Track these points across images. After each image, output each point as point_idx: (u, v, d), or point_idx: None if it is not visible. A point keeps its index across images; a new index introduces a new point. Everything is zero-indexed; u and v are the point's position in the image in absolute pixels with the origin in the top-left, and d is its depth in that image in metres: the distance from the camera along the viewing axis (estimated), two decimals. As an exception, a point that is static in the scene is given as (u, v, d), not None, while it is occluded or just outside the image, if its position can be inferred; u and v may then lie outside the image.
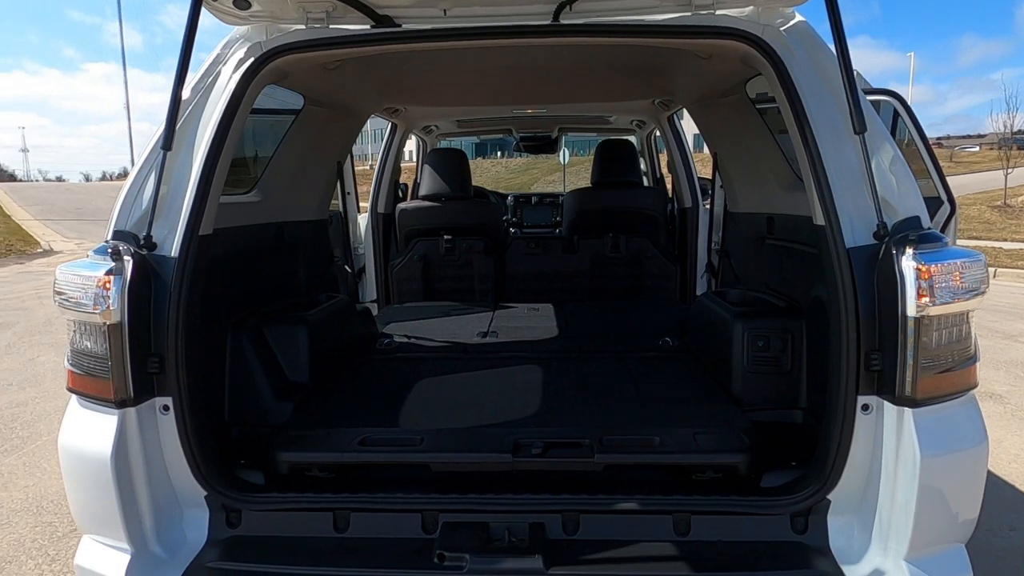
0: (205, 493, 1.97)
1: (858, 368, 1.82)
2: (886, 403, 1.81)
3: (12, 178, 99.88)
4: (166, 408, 1.93)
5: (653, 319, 3.89)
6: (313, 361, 2.71)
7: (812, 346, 2.45)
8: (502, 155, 44.84)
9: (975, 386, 1.83)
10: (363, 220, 4.89)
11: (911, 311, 1.72)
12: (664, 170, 5.77)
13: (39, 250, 18.60)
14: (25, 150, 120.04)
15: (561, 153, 15.11)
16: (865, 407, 1.85)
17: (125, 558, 1.88)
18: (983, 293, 1.78)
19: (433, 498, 2.02)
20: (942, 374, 1.76)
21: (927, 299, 1.71)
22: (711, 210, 4.28)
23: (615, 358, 3.15)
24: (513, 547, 1.91)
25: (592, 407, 2.51)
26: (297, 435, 2.24)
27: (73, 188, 52.05)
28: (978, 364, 1.84)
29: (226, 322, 2.49)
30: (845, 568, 1.88)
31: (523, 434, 2.18)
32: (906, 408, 1.76)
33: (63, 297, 1.88)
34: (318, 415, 2.47)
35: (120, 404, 1.86)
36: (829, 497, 1.94)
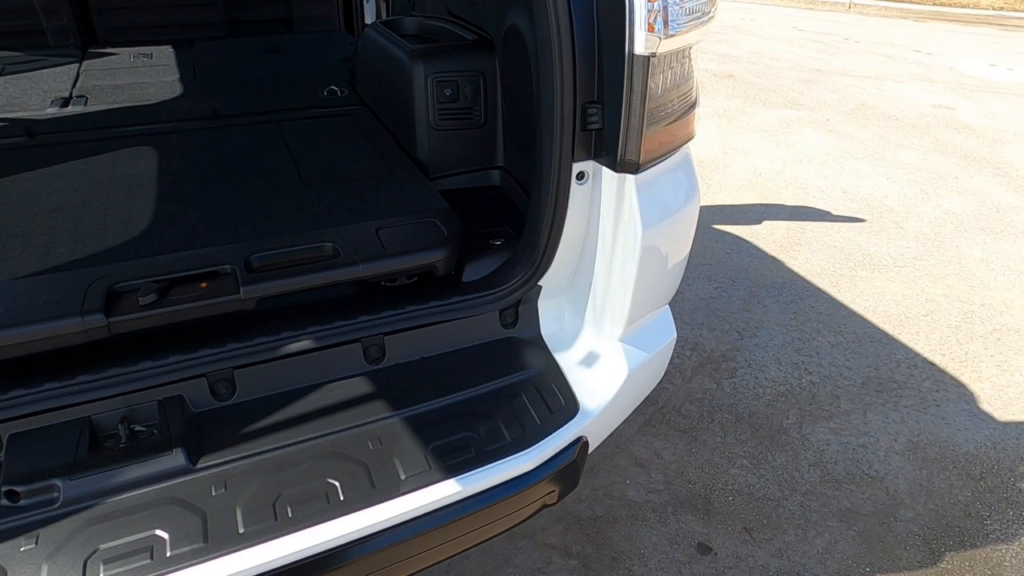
0: None
1: (573, 126, 1.41)
2: (604, 169, 1.47)
3: None
4: None
5: (316, 61, 3.07)
6: None
7: (509, 90, 1.99)
8: None
9: (694, 136, 1.56)
10: None
11: (640, 47, 1.30)
12: None
13: None
14: None
15: None
16: (580, 175, 1.49)
17: None
18: (712, 18, 1.42)
19: None
20: (667, 127, 1.43)
21: (657, 31, 1.29)
22: None
23: (266, 122, 2.38)
24: (138, 443, 1.31)
25: (232, 207, 1.79)
26: None
27: None
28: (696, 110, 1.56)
29: None
30: (558, 356, 1.66)
31: (121, 272, 1.44)
32: (628, 175, 1.43)
33: None
34: None
35: None
36: (540, 283, 1.64)
